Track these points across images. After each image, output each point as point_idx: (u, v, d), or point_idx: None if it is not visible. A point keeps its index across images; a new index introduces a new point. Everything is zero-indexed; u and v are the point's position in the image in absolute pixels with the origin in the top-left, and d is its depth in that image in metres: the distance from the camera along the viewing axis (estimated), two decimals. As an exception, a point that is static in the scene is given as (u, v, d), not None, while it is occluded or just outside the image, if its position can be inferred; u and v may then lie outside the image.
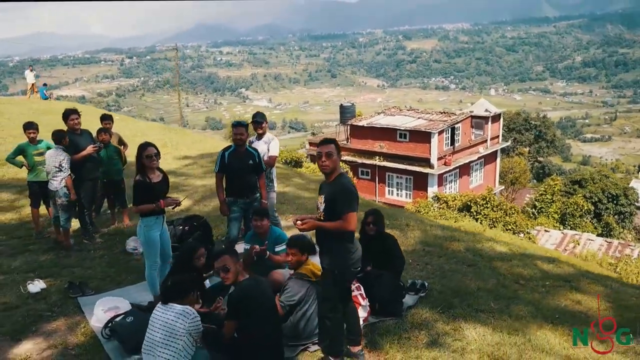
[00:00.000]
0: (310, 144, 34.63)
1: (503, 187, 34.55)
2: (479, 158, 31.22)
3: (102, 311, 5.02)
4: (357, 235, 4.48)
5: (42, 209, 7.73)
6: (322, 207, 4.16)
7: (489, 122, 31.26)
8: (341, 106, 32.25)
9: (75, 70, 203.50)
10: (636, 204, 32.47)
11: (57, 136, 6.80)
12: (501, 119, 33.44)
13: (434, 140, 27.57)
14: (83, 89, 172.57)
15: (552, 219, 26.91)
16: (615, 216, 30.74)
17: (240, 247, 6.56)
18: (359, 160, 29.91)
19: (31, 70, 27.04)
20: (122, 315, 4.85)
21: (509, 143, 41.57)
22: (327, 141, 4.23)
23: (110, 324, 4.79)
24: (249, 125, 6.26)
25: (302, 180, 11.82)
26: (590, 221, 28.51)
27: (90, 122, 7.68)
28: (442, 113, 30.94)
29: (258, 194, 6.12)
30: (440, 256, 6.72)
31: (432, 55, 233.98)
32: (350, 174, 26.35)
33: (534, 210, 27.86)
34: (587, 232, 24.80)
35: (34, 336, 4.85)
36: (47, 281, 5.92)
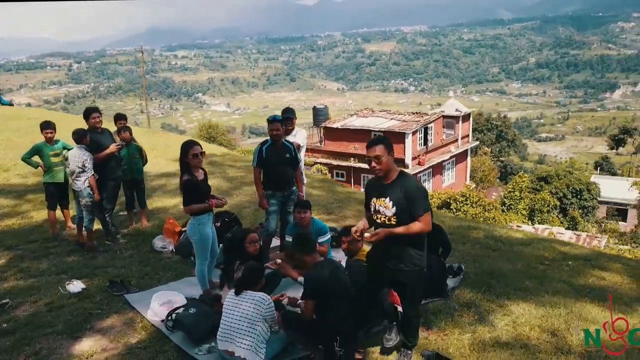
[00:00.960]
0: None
1: (474, 185, 35.56)
2: (451, 157, 32.10)
3: (158, 305, 5.06)
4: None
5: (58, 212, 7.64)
6: (390, 211, 3.88)
7: (460, 122, 32.21)
8: (314, 108, 32.52)
9: (19, 76, 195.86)
10: (598, 198, 34.00)
11: (79, 135, 6.72)
12: (471, 119, 34.50)
13: (408, 140, 28.19)
14: (29, 96, 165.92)
15: (521, 215, 27.90)
16: (580, 210, 32.15)
17: (277, 241, 6.73)
18: (334, 162, 30.23)
19: None
20: (182, 308, 4.93)
21: (477, 142, 42.77)
22: (374, 142, 3.90)
23: (170, 317, 4.85)
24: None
25: (307, 179, 11.94)
26: (556, 216, 29.75)
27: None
28: (414, 113, 31.66)
29: (295, 187, 6.27)
30: (464, 243, 7.03)
31: (391, 57, 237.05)
32: (328, 176, 26.62)
33: (503, 207, 28.84)
34: (555, 226, 25.92)
35: (91, 333, 4.86)
36: (83, 281, 5.89)
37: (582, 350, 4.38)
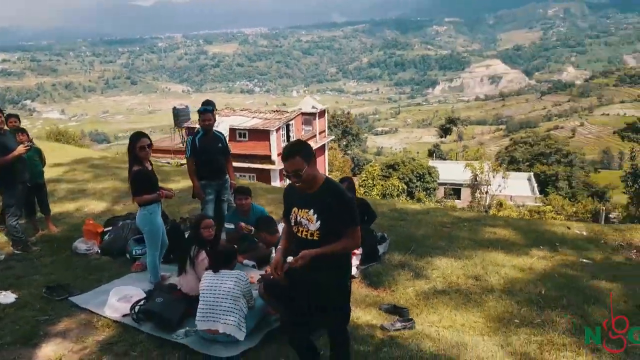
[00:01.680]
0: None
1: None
2: (311, 151, 33.65)
3: (116, 301, 4.98)
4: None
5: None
6: (313, 225, 3.30)
7: (317, 118, 33.89)
8: (174, 109, 31.57)
9: None
10: (438, 180, 38.43)
11: None
12: (326, 115, 36.44)
13: (273, 137, 28.98)
14: None
15: (375, 201, 30.49)
16: (424, 192, 36.03)
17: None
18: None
19: None
20: (145, 299, 4.92)
21: (333, 137, 45.09)
22: (290, 154, 3.23)
23: (134, 309, 4.82)
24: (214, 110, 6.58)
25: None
26: (405, 198, 33.00)
27: None
28: (275, 111, 32.54)
29: (227, 176, 6.48)
30: (374, 217, 7.85)
31: (234, 59, 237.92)
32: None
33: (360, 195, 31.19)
34: (407, 208, 28.82)
35: (49, 339, 4.61)
36: (12, 291, 5.46)
37: (502, 287, 5.41)
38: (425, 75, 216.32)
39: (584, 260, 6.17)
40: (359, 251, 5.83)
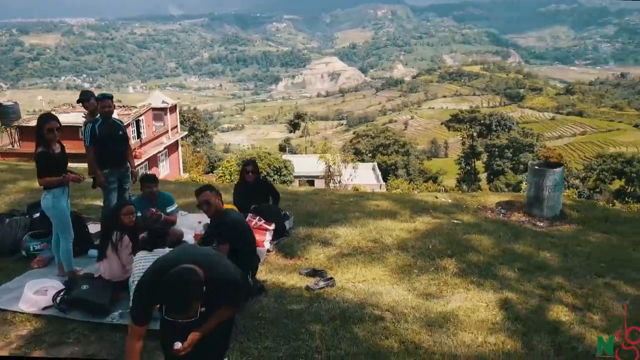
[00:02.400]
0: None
1: (188, 174, 36.79)
2: (165, 148, 32.55)
3: (32, 294, 4.75)
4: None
5: None
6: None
7: (168, 113, 32.86)
8: (1, 106, 28.11)
9: None
10: (293, 173, 39.95)
11: None
12: (177, 110, 35.47)
13: (123, 134, 27.45)
14: None
15: (235, 195, 30.77)
16: (281, 185, 37.19)
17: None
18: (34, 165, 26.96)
19: None
20: (67, 289, 4.78)
21: (187, 132, 43.86)
22: (184, 306, 2.81)
23: (56, 300, 4.67)
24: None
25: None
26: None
27: None
28: (122, 107, 30.75)
29: (128, 164, 6.38)
30: (269, 199, 8.29)
31: (57, 52, 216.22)
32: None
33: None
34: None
35: (-39, 340, 4.26)
36: None
37: (397, 246, 6.26)
38: (267, 71, 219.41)
39: (455, 221, 7.35)
40: (271, 227, 6.25)
